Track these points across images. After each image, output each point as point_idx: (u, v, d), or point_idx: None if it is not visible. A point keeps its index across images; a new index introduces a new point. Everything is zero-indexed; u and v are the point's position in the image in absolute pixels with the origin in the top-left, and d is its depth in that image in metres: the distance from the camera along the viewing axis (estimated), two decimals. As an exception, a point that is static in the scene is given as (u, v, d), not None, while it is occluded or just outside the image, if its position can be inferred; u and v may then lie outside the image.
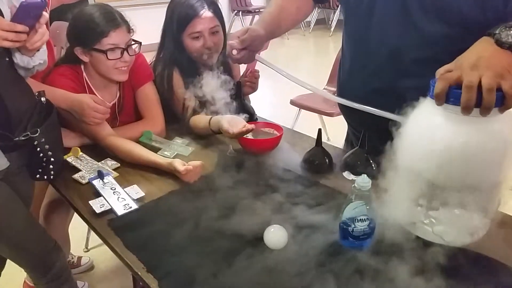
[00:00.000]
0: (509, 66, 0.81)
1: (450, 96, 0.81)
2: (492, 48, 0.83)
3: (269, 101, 4.13)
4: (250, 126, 1.31)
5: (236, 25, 6.92)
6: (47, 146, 1.15)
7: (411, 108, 0.91)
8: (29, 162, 1.18)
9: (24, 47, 1.06)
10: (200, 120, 1.49)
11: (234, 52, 1.23)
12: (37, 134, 1.12)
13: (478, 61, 0.81)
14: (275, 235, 0.94)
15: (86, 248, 2.18)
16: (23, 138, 1.11)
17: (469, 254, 0.91)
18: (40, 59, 1.14)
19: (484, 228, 0.95)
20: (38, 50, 1.11)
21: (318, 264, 0.90)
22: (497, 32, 0.83)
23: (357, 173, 1.16)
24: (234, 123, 1.34)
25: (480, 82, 0.77)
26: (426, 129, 0.87)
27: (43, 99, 1.16)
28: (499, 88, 0.77)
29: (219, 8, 1.61)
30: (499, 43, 0.82)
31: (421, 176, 0.89)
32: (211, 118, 1.43)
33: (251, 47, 1.22)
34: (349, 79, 1.26)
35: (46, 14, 1.04)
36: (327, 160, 1.27)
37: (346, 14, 1.23)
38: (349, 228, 0.92)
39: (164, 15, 1.60)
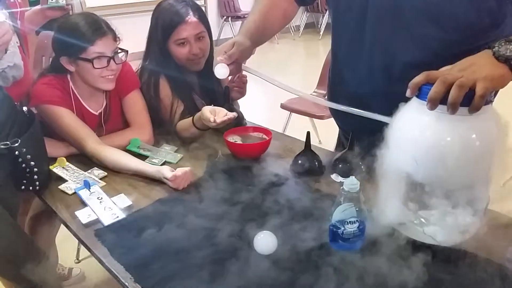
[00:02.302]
0: (499, 77, 0.81)
1: (422, 91, 0.81)
2: (488, 60, 0.83)
3: (260, 106, 4.13)
4: (232, 114, 1.30)
5: (226, 31, 6.94)
6: (29, 156, 1.13)
7: (398, 109, 0.91)
8: (12, 173, 1.16)
9: None
10: (185, 122, 1.49)
11: None
12: (18, 144, 1.10)
13: (469, 67, 0.82)
14: (265, 241, 0.93)
15: (77, 259, 2.15)
16: (2, 147, 1.09)
17: (460, 253, 0.90)
18: (8, 61, 1.11)
19: (474, 227, 0.94)
20: (6, 52, 1.09)
21: (308, 268, 0.89)
22: (496, 45, 0.84)
23: (346, 175, 1.16)
24: (215, 112, 1.33)
25: None
26: (413, 129, 0.86)
27: (24, 108, 1.14)
28: (474, 89, 0.77)
29: (205, 14, 1.61)
30: (496, 56, 0.83)
31: (409, 176, 0.89)
32: (194, 116, 1.42)
33: (238, 60, 1.21)
34: (340, 82, 1.25)
35: (5, 12, 1.02)
36: (316, 163, 1.27)
37: (336, 18, 1.22)
38: (339, 230, 0.91)
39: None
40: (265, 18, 1.28)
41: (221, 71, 1.17)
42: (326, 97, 1.40)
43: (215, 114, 1.33)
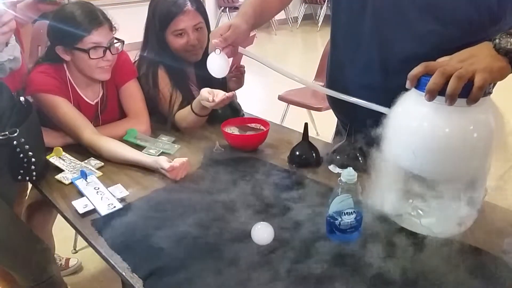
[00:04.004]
0: (498, 69, 0.81)
1: (421, 82, 0.82)
2: (488, 52, 0.83)
3: (257, 97, 4.12)
4: (230, 93, 1.30)
5: (223, 22, 6.90)
6: (27, 147, 1.12)
7: (397, 100, 0.91)
8: (10, 163, 1.16)
9: None
10: (183, 110, 1.49)
11: (217, 51, 1.21)
12: (16, 134, 1.09)
13: (468, 58, 0.82)
14: (262, 232, 0.93)
15: (74, 249, 2.15)
16: (1, 138, 1.08)
17: (457, 245, 0.90)
18: (9, 54, 1.11)
19: (471, 218, 0.95)
20: (7, 45, 1.08)
21: (305, 259, 0.89)
22: (497, 37, 0.84)
23: (344, 166, 1.16)
24: (214, 93, 1.33)
25: None
26: (411, 120, 0.86)
27: (22, 98, 1.14)
28: (472, 80, 0.77)
29: (202, 4, 1.59)
30: (497, 48, 0.83)
31: (407, 168, 0.89)
32: (192, 103, 1.42)
33: (234, 43, 1.20)
34: (339, 74, 1.25)
35: (5, 1, 1.01)
36: (313, 154, 1.26)
37: (336, 9, 1.21)
38: (336, 221, 0.91)
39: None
40: (263, 1, 1.27)
41: (214, 66, 1.14)
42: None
43: (213, 95, 1.33)
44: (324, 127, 3.04)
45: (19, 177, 1.18)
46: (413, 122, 0.86)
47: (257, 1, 1.26)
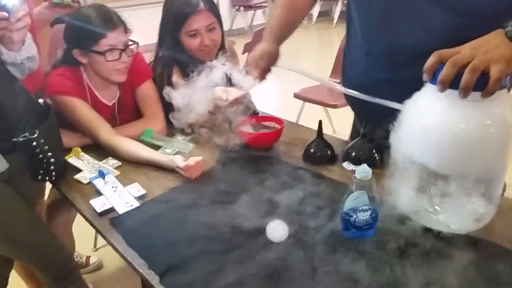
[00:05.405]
0: (511, 57, 0.79)
1: (436, 75, 0.80)
2: (500, 40, 0.82)
3: (273, 95, 4.11)
4: (244, 91, 1.30)
5: (238, 21, 6.91)
6: (46, 147, 1.15)
7: (412, 96, 0.90)
8: (30, 164, 1.19)
9: (7, 40, 1.05)
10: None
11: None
12: (36, 135, 1.12)
13: (481, 46, 0.80)
14: (277, 229, 0.94)
15: (95, 247, 2.19)
16: (21, 140, 1.11)
17: (475, 241, 0.89)
18: (27, 53, 1.13)
19: (489, 215, 0.93)
20: (23, 44, 1.10)
21: (321, 255, 0.89)
22: (509, 25, 0.82)
23: (358, 163, 1.15)
24: (228, 91, 1.32)
25: None
26: (426, 116, 0.85)
27: (40, 100, 1.16)
28: (487, 72, 0.75)
29: (215, 4, 1.60)
30: (509, 36, 0.82)
31: (423, 164, 0.88)
32: None
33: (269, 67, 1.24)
34: (353, 69, 1.25)
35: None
36: (328, 152, 1.26)
37: (350, 4, 1.22)
38: (351, 218, 0.91)
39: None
40: (289, 11, 1.28)
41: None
42: (341, 84, 1.38)
43: (227, 93, 1.33)
44: (341, 124, 3.01)
45: (39, 177, 1.21)
46: (428, 118, 0.85)
47: (284, 12, 1.28)
